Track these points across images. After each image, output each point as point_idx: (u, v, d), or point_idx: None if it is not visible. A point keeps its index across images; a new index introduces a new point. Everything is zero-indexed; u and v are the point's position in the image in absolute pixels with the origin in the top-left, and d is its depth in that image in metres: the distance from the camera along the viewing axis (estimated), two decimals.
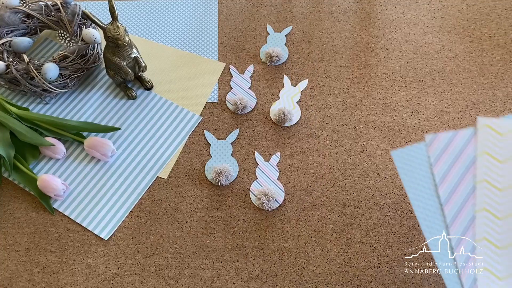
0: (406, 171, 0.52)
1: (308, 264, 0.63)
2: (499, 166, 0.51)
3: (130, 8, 0.88)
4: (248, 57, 0.82)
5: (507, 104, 0.75)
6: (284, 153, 0.71)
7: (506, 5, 0.86)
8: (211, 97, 0.77)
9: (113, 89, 0.78)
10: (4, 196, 0.69)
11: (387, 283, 0.61)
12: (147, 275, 0.63)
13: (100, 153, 0.69)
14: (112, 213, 0.67)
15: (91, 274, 0.63)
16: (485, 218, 0.50)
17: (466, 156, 0.52)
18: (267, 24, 0.85)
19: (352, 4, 0.87)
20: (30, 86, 0.72)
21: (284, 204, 0.67)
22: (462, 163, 0.52)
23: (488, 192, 0.50)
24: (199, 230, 0.66)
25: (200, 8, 0.88)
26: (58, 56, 0.72)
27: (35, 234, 0.66)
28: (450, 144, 0.53)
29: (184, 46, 0.83)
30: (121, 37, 0.66)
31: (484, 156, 0.52)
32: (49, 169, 0.71)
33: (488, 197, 0.50)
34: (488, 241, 0.49)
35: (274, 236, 0.65)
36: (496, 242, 0.49)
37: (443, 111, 0.75)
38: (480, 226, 0.49)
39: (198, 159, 0.72)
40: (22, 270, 0.63)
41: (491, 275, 0.48)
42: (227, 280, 0.62)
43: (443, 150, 0.52)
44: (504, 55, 0.80)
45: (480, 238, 0.49)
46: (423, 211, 0.50)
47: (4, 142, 0.68)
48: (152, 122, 0.75)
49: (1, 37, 0.75)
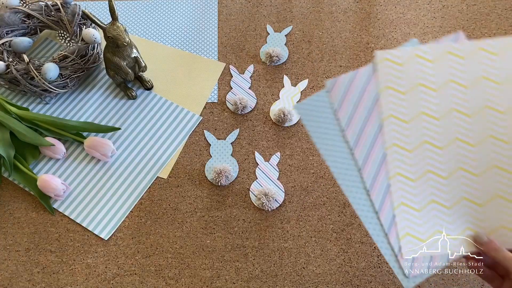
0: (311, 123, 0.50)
1: (308, 264, 0.63)
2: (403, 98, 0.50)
3: (130, 8, 0.88)
4: (248, 57, 0.82)
5: None
6: (284, 153, 0.71)
7: (506, 5, 0.86)
8: (211, 97, 0.77)
9: (113, 89, 0.78)
10: (4, 196, 0.69)
11: (387, 283, 0.61)
12: (147, 275, 0.63)
13: (100, 153, 0.69)
14: (112, 213, 0.67)
15: (91, 274, 0.63)
16: (396, 153, 0.49)
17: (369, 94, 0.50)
18: (267, 24, 0.85)
19: (352, 4, 0.87)
20: (30, 86, 0.72)
21: (284, 204, 0.67)
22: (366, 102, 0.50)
23: (396, 127, 0.49)
24: (199, 230, 0.66)
25: (200, 8, 0.88)
26: (58, 56, 0.72)
27: (35, 234, 0.66)
28: (351, 86, 0.50)
29: (184, 46, 0.83)
30: (121, 37, 0.66)
31: (386, 91, 0.50)
32: (49, 169, 0.71)
33: (396, 132, 0.49)
34: (402, 176, 0.49)
35: (274, 236, 0.65)
36: (410, 175, 0.49)
37: None
38: (392, 163, 0.49)
39: (198, 159, 0.72)
40: (22, 270, 0.64)
41: (409, 208, 0.48)
42: (227, 280, 0.62)
43: (345, 93, 0.50)
44: None
45: (394, 174, 0.49)
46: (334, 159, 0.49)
47: (4, 142, 0.68)
48: (152, 122, 0.75)
49: (1, 37, 0.75)
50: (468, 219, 0.48)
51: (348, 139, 0.49)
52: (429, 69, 0.50)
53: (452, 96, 0.49)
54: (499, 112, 0.48)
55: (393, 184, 0.49)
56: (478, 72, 0.49)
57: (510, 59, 0.49)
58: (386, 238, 0.47)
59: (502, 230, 0.47)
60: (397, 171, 0.49)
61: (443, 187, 0.48)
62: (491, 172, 0.48)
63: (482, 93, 0.49)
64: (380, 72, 0.50)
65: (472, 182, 0.48)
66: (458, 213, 0.48)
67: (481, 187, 0.48)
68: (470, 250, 0.47)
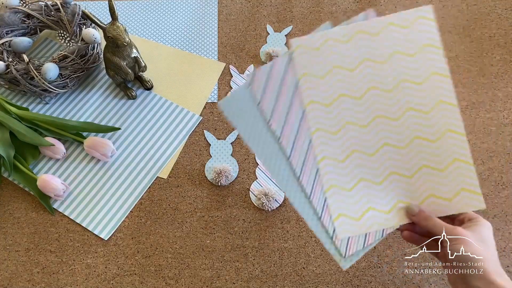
0: (236, 118, 0.50)
1: (308, 264, 0.63)
2: (321, 83, 0.50)
3: (130, 8, 0.88)
4: (248, 57, 0.82)
5: (507, 104, 0.75)
6: None
7: (506, 5, 0.86)
8: (211, 97, 0.77)
9: (113, 89, 0.78)
10: (4, 196, 0.69)
11: (387, 283, 0.61)
12: (147, 275, 0.63)
13: (100, 153, 0.69)
14: (112, 213, 0.67)
15: (91, 274, 0.63)
16: (321, 137, 0.50)
17: (288, 83, 0.50)
18: (267, 24, 0.85)
19: (352, 4, 0.87)
20: (30, 86, 0.72)
21: (284, 204, 0.67)
22: (287, 92, 0.50)
23: (318, 112, 0.50)
24: (199, 230, 0.66)
25: (200, 8, 0.88)
26: (58, 56, 0.72)
27: (35, 234, 0.66)
28: (270, 77, 0.50)
29: (184, 46, 0.83)
30: (121, 37, 0.66)
31: (304, 78, 0.50)
32: (49, 169, 0.71)
33: (319, 117, 0.50)
34: (329, 159, 0.49)
35: (274, 236, 0.65)
36: (337, 156, 0.49)
37: None
38: (318, 147, 0.49)
39: (198, 159, 0.72)
40: (22, 270, 0.63)
41: (340, 189, 0.49)
42: (227, 280, 0.62)
43: (265, 85, 0.50)
44: (504, 55, 0.80)
45: (321, 158, 0.49)
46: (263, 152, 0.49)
47: (4, 142, 0.68)
48: (152, 122, 0.75)
49: (1, 37, 0.75)
50: (398, 192, 0.49)
51: (274, 129, 0.49)
52: (344, 50, 0.50)
53: (369, 74, 0.50)
54: (416, 83, 0.49)
55: (322, 168, 0.49)
56: (391, 47, 0.50)
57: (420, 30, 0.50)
58: (319, 222, 0.48)
59: (431, 199, 0.48)
60: (324, 154, 0.49)
61: (371, 164, 0.49)
62: (414, 143, 0.49)
63: (398, 67, 0.49)
64: (296, 59, 0.50)
65: (398, 155, 0.49)
66: (388, 187, 0.49)
67: (407, 159, 0.49)
68: (403, 222, 0.48)
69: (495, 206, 0.66)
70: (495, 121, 0.73)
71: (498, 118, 0.74)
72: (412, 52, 0.49)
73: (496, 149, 0.71)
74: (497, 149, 0.71)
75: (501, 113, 0.74)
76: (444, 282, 0.61)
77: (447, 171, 0.48)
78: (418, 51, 0.49)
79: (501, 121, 0.73)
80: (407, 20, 0.50)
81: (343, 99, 0.50)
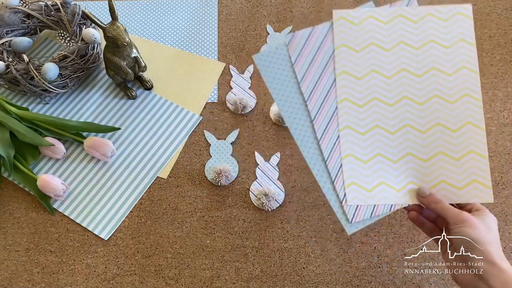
0: (268, 73, 0.53)
1: (308, 264, 0.63)
2: (356, 56, 0.53)
3: (130, 8, 0.88)
4: (248, 57, 0.82)
5: (507, 104, 0.75)
6: (284, 153, 0.71)
7: (506, 5, 0.86)
8: (211, 97, 0.77)
9: (113, 89, 0.78)
10: (4, 196, 0.69)
11: (387, 283, 0.61)
12: (147, 275, 0.63)
13: (100, 153, 0.69)
14: (112, 213, 0.67)
15: (91, 274, 0.63)
16: (346, 107, 0.52)
17: (325, 50, 0.54)
18: (267, 24, 0.85)
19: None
20: (30, 86, 0.72)
21: (284, 204, 0.67)
22: (322, 58, 0.53)
23: (348, 82, 0.53)
24: (199, 230, 0.66)
25: (200, 8, 0.88)
26: (58, 56, 0.72)
27: (35, 234, 0.66)
28: (309, 41, 0.54)
29: (184, 46, 0.83)
30: (121, 37, 0.66)
31: (341, 48, 0.53)
32: (49, 169, 0.71)
33: (348, 88, 0.53)
34: (351, 129, 0.52)
35: (274, 236, 0.65)
36: (359, 128, 0.52)
37: None
38: (342, 116, 0.52)
39: (198, 159, 0.72)
40: (22, 270, 0.63)
41: (356, 159, 0.52)
42: (227, 280, 0.62)
43: (302, 47, 0.53)
44: (504, 55, 0.80)
45: (343, 127, 0.52)
46: (288, 110, 0.52)
47: (4, 142, 0.68)
48: (152, 122, 0.75)
49: (1, 37, 0.75)
50: (412, 173, 0.51)
51: (303, 91, 0.52)
52: (382, 30, 0.54)
53: (403, 57, 0.53)
54: (446, 74, 0.52)
55: (343, 136, 0.52)
56: (428, 36, 0.53)
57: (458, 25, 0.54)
58: (332, 185, 0.51)
59: (443, 185, 0.51)
60: (347, 124, 0.52)
61: (390, 141, 0.52)
62: (435, 129, 0.51)
63: (431, 55, 0.53)
64: (336, 30, 0.54)
65: (418, 138, 0.52)
66: (402, 167, 0.51)
67: (426, 144, 0.51)
68: (412, 202, 0.50)
69: (495, 206, 0.66)
70: (495, 121, 0.73)
71: (498, 118, 0.74)
72: (447, 44, 0.53)
73: (496, 149, 0.71)
74: (497, 149, 0.71)
75: (501, 113, 0.74)
76: (444, 282, 0.61)
77: (462, 161, 0.50)
78: (452, 44, 0.53)
79: (501, 121, 0.73)
80: (446, 14, 0.54)
81: (374, 75, 0.53)
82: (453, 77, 0.52)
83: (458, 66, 0.52)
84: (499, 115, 0.74)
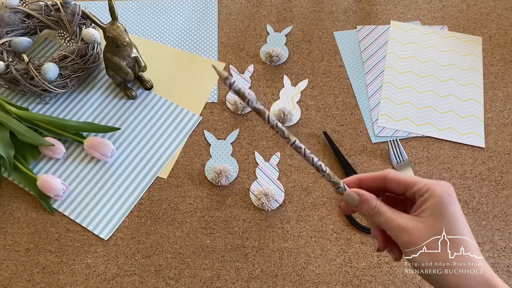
0: (345, 49, 0.82)
1: (308, 264, 0.63)
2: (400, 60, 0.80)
3: (130, 8, 0.88)
4: (248, 57, 0.82)
5: (507, 104, 0.75)
6: (284, 153, 0.71)
7: (506, 5, 0.86)
8: (211, 97, 0.77)
9: (113, 89, 0.78)
10: (4, 196, 0.69)
11: (387, 283, 0.61)
12: (147, 275, 0.63)
13: (100, 153, 0.69)
14: (112, 213, 0.67)
15: (91, 274, 0.63)
16: (388, 87, 0.77)
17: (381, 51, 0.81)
18: (267, 24, 0.85)
19: (352, 4, 0.87)
20: (30, 86, 0.72)
21: (284, 204, 0.67)
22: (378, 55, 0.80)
23: (392, 73, 0.78)
24: (199, 230, 0.66)
25: (200, 8, 0.88)
26: (58, 56, 0.72)
27: (35, 234, 0.66)
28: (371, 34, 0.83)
29: (184, 46, 0.83)
30: (121, 37, 0.66)
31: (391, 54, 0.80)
32: (49, 169, 0.71)
33: (392, 76, 0.78)
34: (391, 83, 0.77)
35: (274, 236, 0.65)
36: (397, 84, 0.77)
37: None
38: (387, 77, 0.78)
39: (198, 159, 0.72)
40: (21, 270, 0.63)
41: (391, 102, 0.75)
42: (227, 280, 0.62)
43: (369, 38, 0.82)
44: (504, 55, 0.80)
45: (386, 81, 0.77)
46: (354, 75, 0.79)
47: (4, 142, 0.68)
48: (152, 122, 0.75)
49: (1, 37, 0.75)
50: (430, 118, 0.73)
51: (364, 68, 0.79)
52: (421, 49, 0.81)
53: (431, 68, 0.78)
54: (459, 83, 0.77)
55: (384, 86, 0.77)
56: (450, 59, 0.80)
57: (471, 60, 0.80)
58: (369, 113, 0.74)
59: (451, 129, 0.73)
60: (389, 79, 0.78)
61: (417, 97, 0.75)
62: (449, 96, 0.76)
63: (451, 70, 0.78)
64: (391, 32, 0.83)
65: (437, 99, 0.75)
66: (424, 113, 0.74)
67: (442, 103, 0.75)
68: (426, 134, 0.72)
69: (495, 206, 0.66)
70: (495, 121, 0.73)
71: (498, 118, 0.74)
72: (464, 68, 0.78)
73: (496, 149, 0.71)
74: (497, 149, 0.71)
75: (501, 113, 0.74)
76: None
77: (466, 119, 0.73)
78: (467, 69, 0.78)
79: (501, 121, 0.73)
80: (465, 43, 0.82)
81: (411, 74, 0.78)
82: (464, 87, 0.76)
83: (469, 81, 0.77)
84: (499, 115, 0.74)
